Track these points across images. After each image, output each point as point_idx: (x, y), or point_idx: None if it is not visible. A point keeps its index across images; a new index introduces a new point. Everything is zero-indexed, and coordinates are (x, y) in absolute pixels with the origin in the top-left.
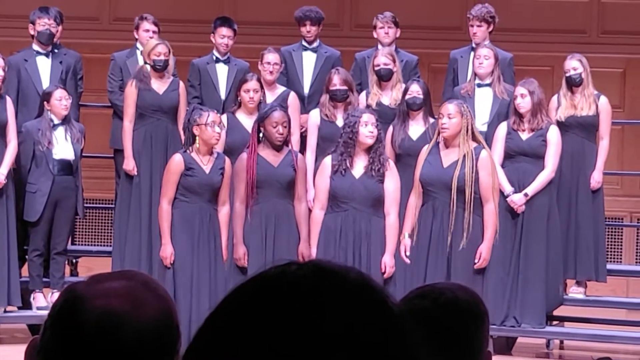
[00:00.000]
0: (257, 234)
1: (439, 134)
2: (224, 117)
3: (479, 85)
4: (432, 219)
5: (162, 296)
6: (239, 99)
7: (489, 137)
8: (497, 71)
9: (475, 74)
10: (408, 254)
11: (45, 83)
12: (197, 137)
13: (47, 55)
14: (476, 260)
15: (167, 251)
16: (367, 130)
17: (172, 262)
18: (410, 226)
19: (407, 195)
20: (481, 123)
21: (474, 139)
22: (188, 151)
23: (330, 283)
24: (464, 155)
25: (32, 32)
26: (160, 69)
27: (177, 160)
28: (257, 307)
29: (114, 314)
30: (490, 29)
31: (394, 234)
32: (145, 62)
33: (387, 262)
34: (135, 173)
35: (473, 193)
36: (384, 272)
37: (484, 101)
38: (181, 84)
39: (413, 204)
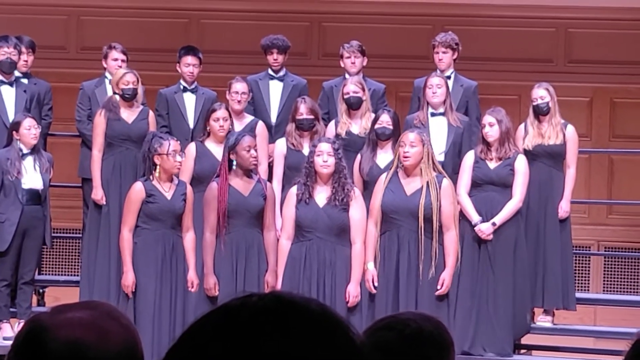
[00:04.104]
0: (228, 263)
1: (398, 163)
2: (193, 146)
3: (433, 115)
4: (398, 247)
5: (127, 326)
6: (207, 128)
7: (446, 166)
8: (449, 99)
9: (427, 103)
10: (376, 284)
11: (10, 112)
12: (157, 166)
13: (10, 84)
14: (438, 287)
15: (128, 279)
16: (321, 160)
17: (133, 290)
18: (372, 255)
19: None
20: (438, 152)
21: (434, 167)
22: (149, 179)
23: (291, 314)
24: (427, 183)
25: None
26: (129, 98)
27: (137, 189)
28: (217, 339)
29: (79, 343)
30: (455, 56)
31: (360, 263)
32: (114, 92)
33: (352, 291)
34: (104, 202)
35: (438, 221)
36: (348, 301)
37: (439, 130)
38: (150, 112)
39: (373, 232)
